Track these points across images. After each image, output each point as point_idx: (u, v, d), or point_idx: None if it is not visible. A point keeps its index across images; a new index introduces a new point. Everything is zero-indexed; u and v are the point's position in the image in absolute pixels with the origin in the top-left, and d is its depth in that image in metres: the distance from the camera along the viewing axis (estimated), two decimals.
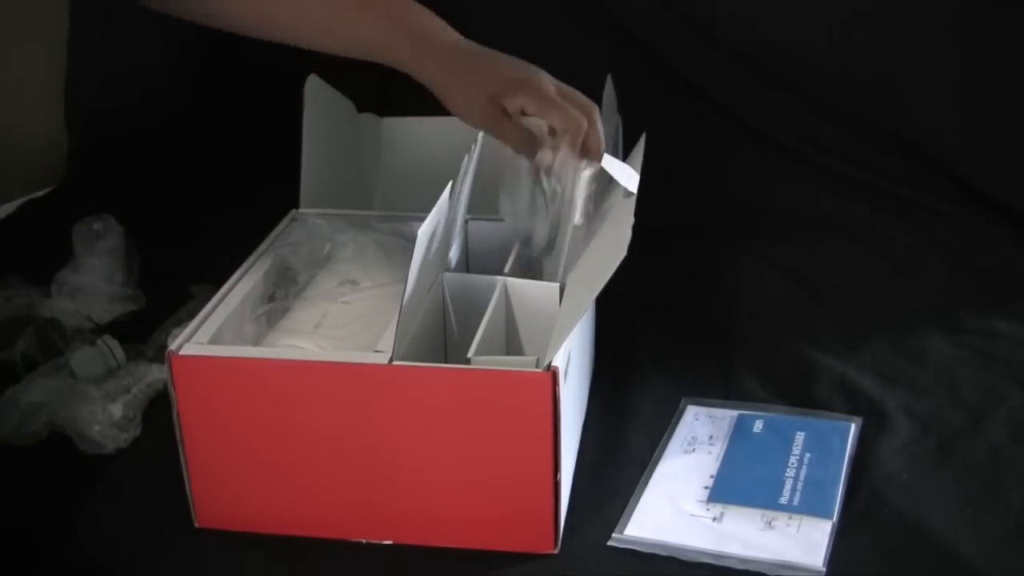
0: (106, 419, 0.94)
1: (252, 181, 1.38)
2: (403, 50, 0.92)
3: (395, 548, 0.83)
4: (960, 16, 1.32)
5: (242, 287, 0.90)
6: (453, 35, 0.94)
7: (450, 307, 0.92)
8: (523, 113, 0.89)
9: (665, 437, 0.94)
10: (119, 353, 1.01)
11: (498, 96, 0.89)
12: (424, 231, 0.78)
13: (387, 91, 1.30)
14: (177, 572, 0.83)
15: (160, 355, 0.93)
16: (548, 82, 0.90)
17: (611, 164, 0.85)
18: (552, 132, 0.89)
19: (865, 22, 1.36)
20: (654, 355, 1.07)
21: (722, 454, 0.92)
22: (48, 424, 0.95)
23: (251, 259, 0.95)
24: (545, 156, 0.88)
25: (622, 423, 0.97)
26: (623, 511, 0.85)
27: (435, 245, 0.86)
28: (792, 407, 0.98)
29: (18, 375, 1.01)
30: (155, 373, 1.00)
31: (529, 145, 0.90)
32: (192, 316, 0.86)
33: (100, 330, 1.08)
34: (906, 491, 0.87)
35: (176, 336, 0.83)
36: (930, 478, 0.88)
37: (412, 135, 1.26)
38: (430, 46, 0.92)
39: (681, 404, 0.99)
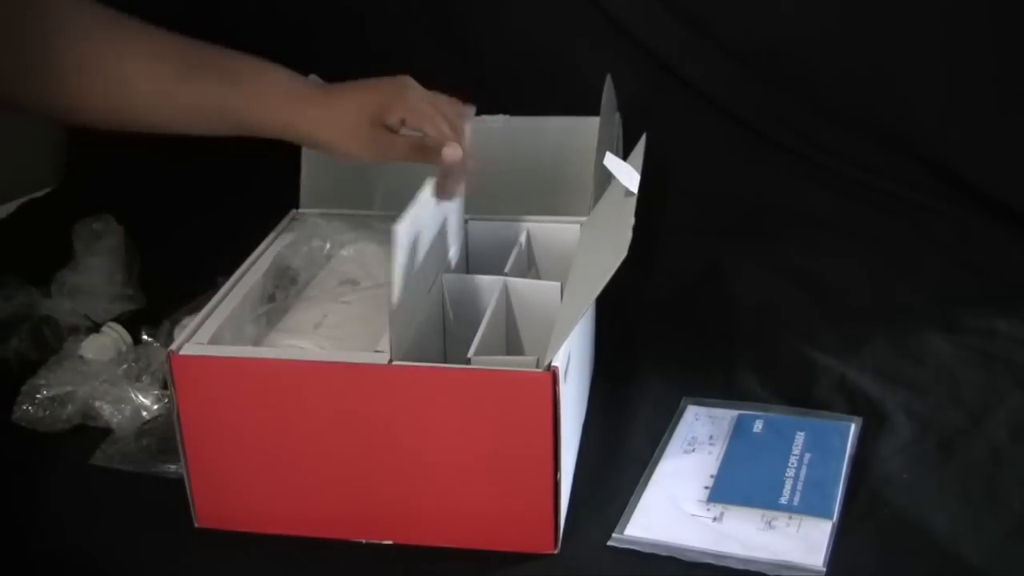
0: (139, 391, 0.95)
1: (252, 181, 1.38)
2: (271, 110, 0.89)
3: (395, 548, 0.83)
4: (960, 16, 1.32)
5: (242, 287, 0.90)
6: (303, 80, 0.93)
7: (450, 307, 0.92)
8: (403, 124, 0.88)
9: (665, 437, 0.94)
10: (127, 336, 1.01)
11: (379, 116, 0.88)
12: (402, 229, 0.77)
13: None
14: (177, 572, 0.83)
15: (170, 341, 0.93)
16: (417, 93, 0.89)
17: (612, 163, 0.85)
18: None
19: (865, 22, 1.36)
20: (654, 355, 1.07)
21: (722, 454, 0.92)
22: (80, 411, 0.95)
23: (251, 259, 0.95)
24: (453, 152, 0.86)
25: (622, 423, 0.97)
26: (623, 511, 0.85)
27: (426, 242, 0.86)
28: (792, 407, 0.98)
29: (13, 372, 1.01)
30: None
31: (421, 152, 0.88)
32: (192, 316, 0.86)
33: (99, 327, 1.08)
34: (906, 491, 0.87)
35: (180, 330, 0.83)
36: (930, 478, 0.88)
37: None
38: (298, 98, 0.90)
39: (681, 404, 0.99)
